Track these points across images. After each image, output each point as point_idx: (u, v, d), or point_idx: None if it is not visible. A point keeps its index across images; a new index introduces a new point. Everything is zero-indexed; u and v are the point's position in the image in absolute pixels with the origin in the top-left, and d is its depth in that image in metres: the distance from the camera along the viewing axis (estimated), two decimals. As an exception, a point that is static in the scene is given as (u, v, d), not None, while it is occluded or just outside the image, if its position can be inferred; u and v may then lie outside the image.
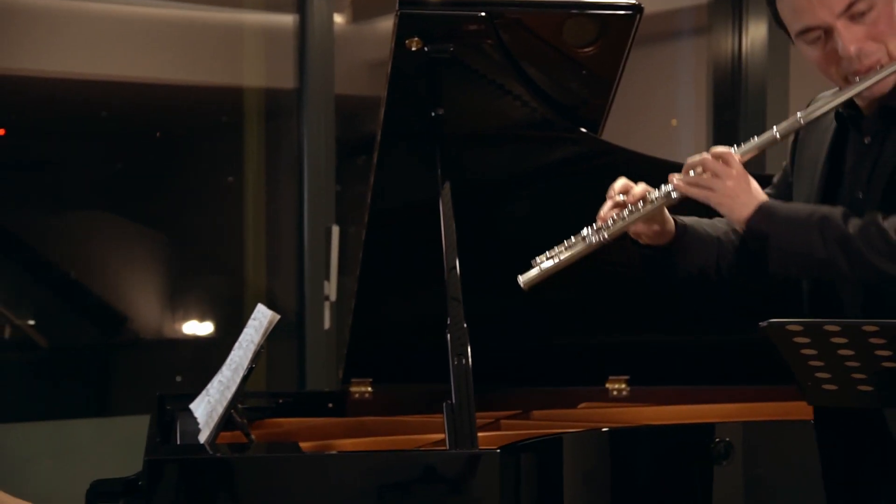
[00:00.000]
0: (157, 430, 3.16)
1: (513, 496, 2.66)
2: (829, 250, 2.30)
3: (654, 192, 2.57)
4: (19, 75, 5.07)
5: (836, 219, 2.31)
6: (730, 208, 2.42)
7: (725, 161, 2.43)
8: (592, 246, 2.63)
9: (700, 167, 2.46)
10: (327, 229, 5.03)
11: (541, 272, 2.68)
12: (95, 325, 5.13)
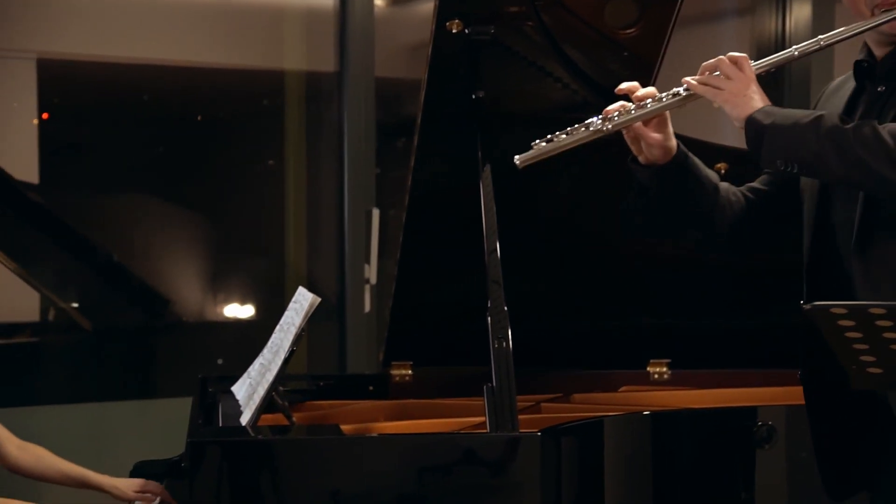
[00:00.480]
0: (199, 412, 3.18)
1: (553, 479, 2.65)
2: (821, 143, 2.31)
3: (664, 93, 2.59)
4: (62, 59, 5.10)
5: (833, 117, 2.34)
6: (734, 105, 2.45)
7: (739, 65, 2.47)
8: (593, 135, 2.63)
9: (714, 69, 2.50)
10: (367, 212, 5.03)
11: (537, 152, 2.67)
12: (138, 307, 5.16)
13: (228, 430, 2.85)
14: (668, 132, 2.64)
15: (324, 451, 2.57)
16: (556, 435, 2.70)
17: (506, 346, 2.70)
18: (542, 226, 3.34)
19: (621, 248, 3.42)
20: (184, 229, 5.40)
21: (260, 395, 2.82)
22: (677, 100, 2.56)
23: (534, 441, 2.61)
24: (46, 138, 5.00)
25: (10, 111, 4.96)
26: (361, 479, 2.55)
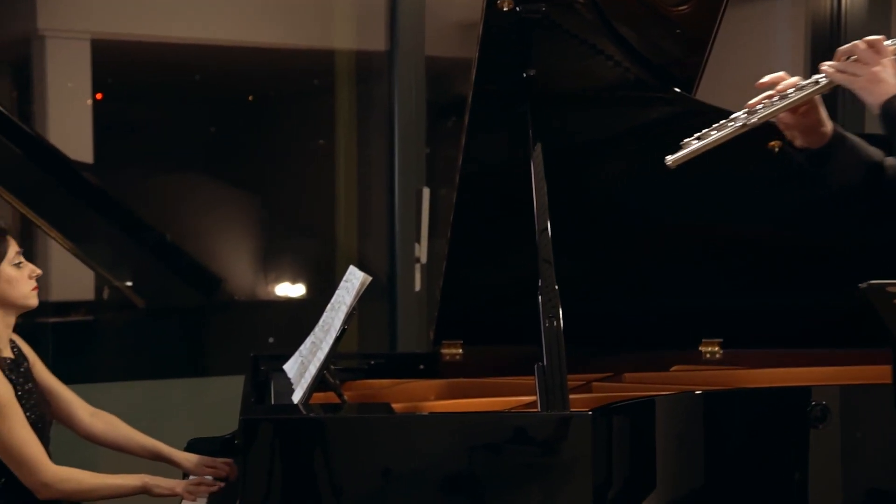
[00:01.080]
0: (251, 390, 3.21)
1: (604, 458, 2.65)
2: None
3: (805, 81, 2.57)
4: (115, 40, 5.14)
5: None
6: (870, 92, 2.44)
7: (875, 48, 2.46)
8: (741, 129, 2.63)
9: (851, 54, 2.48)
10: (418, 191, 5.03)
11: (689, 150, 2.67)
12: (191, 286, 5.20)
13: (281, 409, 2.87)
14: (821, 117, 2.62)
15: (375, 429, 2.58)
16: (608, 414, 2.70)
17: (556, 325, 2.70)
18: (594, 204, 3.33)
19: (674, 227, 3.39)
20: (235, 209, 5.44)
21: (311, 374, 2.84)
22: (818, 87, 2.57)
23: (585, 420, 2.60)
24: (100, 118, 5.05)
25: (65, 92, 5.00)
26: (412, 458, 2.56)
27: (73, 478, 2.72)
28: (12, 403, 2.68)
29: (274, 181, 5.50)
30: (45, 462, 2.69)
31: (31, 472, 2.67)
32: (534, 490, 2.57)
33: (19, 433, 2.67)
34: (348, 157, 5.45)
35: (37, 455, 2.68)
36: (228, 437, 3.25)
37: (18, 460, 2.66)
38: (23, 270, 2.81)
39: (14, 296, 2.79)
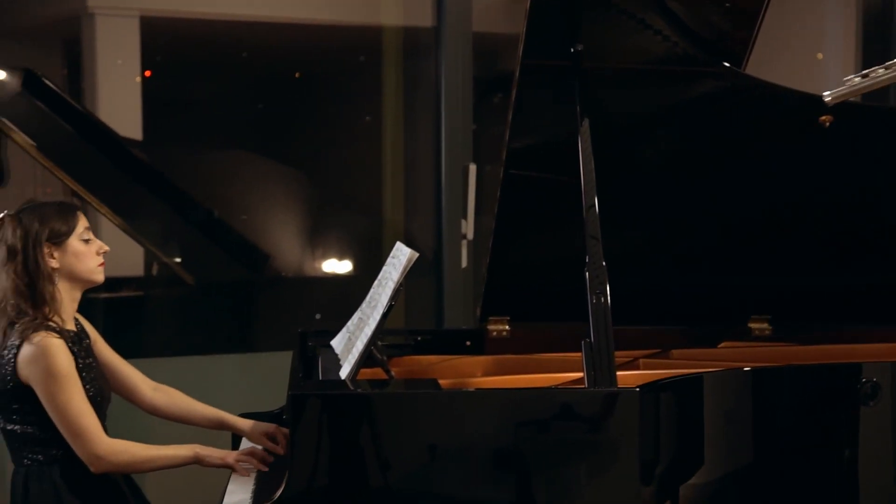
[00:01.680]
0: (299, 366, 3.22)
1: (651, 435, 2.64)
2: None
3: None
4: (163, 17, 5.16)
5: None
6: None
7: None
8: None
9: None
10: (464, 168, 5.03)
11: (849, 88, 2.61)
12: (239, 262, 5.23)
13: (328, 384, 2.88)
14: None
15: (422, 405, 2.59)
16: (655, 391, 2.69)
17: (604, 302, 2.69)
18: (642, 180, 3.31)
19: (723, 203, 3.37)
20: (283, 185, 5.46)
21: (359, 350, 2.85)
22: None
23: (632, 397, 2.60)
24: (149, 95, 5.08)
25: (114, 69, 5.04)
26: (459, 434, 2.56)
27: (126, 450, 2.75)
28: (73, 374, 2.71)
29: (321, 158, 5.51)
30: (100, 434, 2.72)
31: (85, 444, 2.70)
32: (580, 466, 2.57)
33: (78, 404, 2.70)
34: (395, 133, 5.45)
35: (93, 427, 2.71)
36: (277, 413, 3.27)
37: (75, 431, 2.70)
38: (90, 246, 2.85)
39: (80, 270, 2.83)
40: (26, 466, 2.76)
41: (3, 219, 2.82)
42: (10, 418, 2.75)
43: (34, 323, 2.72)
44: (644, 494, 2.59)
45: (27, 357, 2.69)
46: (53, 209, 2.83)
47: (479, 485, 2.54)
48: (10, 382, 2.72)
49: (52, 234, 2.79)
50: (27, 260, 2.77)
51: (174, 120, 5.25)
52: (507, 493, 2.54)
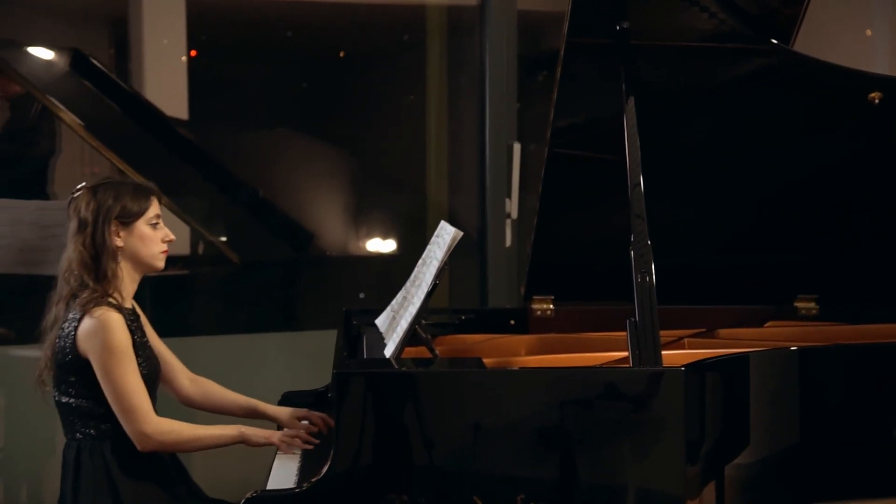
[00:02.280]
0: (344, 344, 3.24)
1: (697, 415, 2.63)
2: None
3: None
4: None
5: None
6: None
7: None
8: None
9: None
10: (509, 147, 5.01)
11: None
12: (284, 242, 5.25)
13: (373, 363, 2.89)
14: None
15: (466, 384, 2.60)
16: (701, 370, 2.68)
17: (649, 281, 2.68)
18: (688, 159, 3.29)
19: (770, 181, 3.35)
20: (327, 164, 5.47)
21: (403, 329, 2.85)
22: None
23: (677, 376, 2.59)
24: (194, 76, 5.10)
25: (161, 48, 5.06)
26: (503, 413, 2.57)
27: (173, 429, 2.78)
28: (129, 351, 2.75)
29: (365, 137, 5.51)
30: (149, 413, 2.75)
31: (135, 421, 2.72)
32: (625, 446, 2.56)
33: (131, 381, 2.73)
34: (439, 112, 5.44)
35: (143, 404, 2.74)
36: (322, 391, 3.29)
37: (125, 407, 2.72)
38: (157, 231, 2.89)
39: (144, 253, 2.86)
40: (78, 440, 2.80)
41: (80, 191, 2.86)
42: (66, 391, 2.79)
43: (95, 297, 2.76)
44: (689, 474, 2.59)
45: (87, 330, 2.73)
46: (129, 189, 2.87)
47: (522, 464, 2.54)
48: (69, 355, 2.76)
49: (122, 212, 2.83)
50: (95, 234, 2.81)
51: (219, 99, 5.26)
52: (551, 472, 2.54)
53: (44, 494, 4.52)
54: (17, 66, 4.56)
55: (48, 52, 4.75)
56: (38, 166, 4.73)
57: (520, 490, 2.52)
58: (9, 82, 4.57)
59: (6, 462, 4.54)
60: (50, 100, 4.50)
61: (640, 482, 2.55)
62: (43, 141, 4.71)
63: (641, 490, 2.55)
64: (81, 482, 2.77)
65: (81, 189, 2.86)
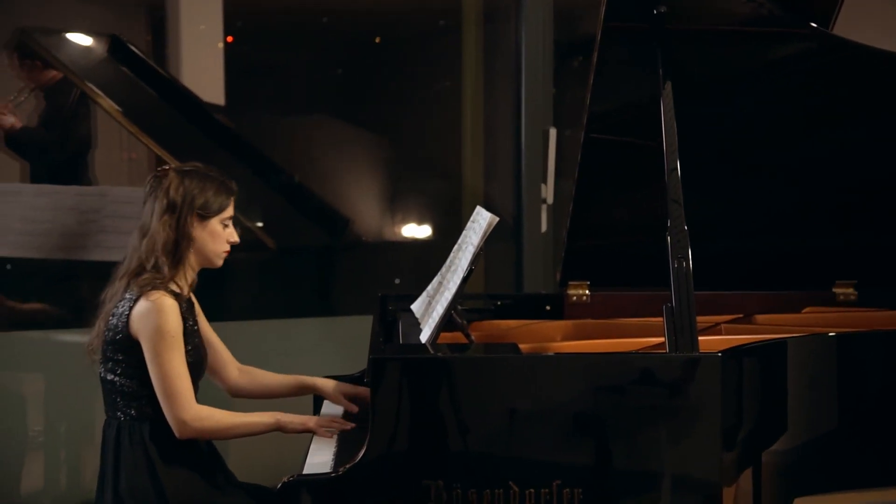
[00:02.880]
0: (380, 330, 3.24)
1: (734, 401, 2.62)
2: None
3: None
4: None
5: None
6: None
7: None
8: None
9: None
10: (544, 132, 5.00)
11: None
12: (320, 227, 5.26)
13: (409, 348, 2.90)
14: None
15: (502, 369, 2.60)
16: (738, 356, 2.66)
17: (685, 266, 2.67)
18: (725, 143, 3.27)
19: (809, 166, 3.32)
20: (362, 150, 5.47)
21: (439, 314, 2.85)
22: None
23: (714, 362, 2.57)
24: (231, 61, 5.11)
25: (198, 34, 5.08)
26: (538, 398, 2.56)
27: (212, 416, 2.79)
28: (179, 337, 2.77)
29: (401, 122, 5.51)
30: (190, 400, 2.77)
31: (175, 406, 2.74)
32: (661, 432, 2.56)
33: (177, 367, 2.75)
34: (475, 97, 5.43)
35: (186, 391, 2.76)
36: (357, 376, 3.30)
37: (168, 391, 2.74)
38: (226, 232, 2.91)
39: (209, 249, 2.90)
40: (119, 419, 2.82)
41: (168, 171, 2.89)
42: (112, 369, 2.82)
43: (155, 281, 2.79)
44: (726, 460, 2.58)
45: (141, 312, 2.76)
46: (214, 184, 2.90)
47: (558, 450, 2.54)
48: (120, 333, 2.79)
49: (203, 206, 2.87)
50: (180, 218, 2.84)
51: (256, 85, 5.28)
52: (587, 458, 2.54)
53: (84, 476, 4.57)
54: (56, 52, 4.59)
55: (86, 38, 4.77)
56: (77, 152, 4.76)
57: (555, 476, 2.52)
58: (45, 70, 4.60)
59: (47, 444, 4.58)
60: (88, 86, 4.53)
61: (677, 468, 2.55)
62: (81, 127, 4.75)
63: (678, 476, 2.54)
64: (122, 461, 2.80)
65: (169, 171, 2.89)
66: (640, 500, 2.55)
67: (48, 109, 4.69)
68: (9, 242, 4.39)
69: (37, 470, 4.57)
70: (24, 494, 4.54)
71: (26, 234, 4.40)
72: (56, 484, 4.59)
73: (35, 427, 4.57)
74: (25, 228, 4.40)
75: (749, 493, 2.68)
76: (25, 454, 4.57)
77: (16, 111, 4.57)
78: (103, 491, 2.82)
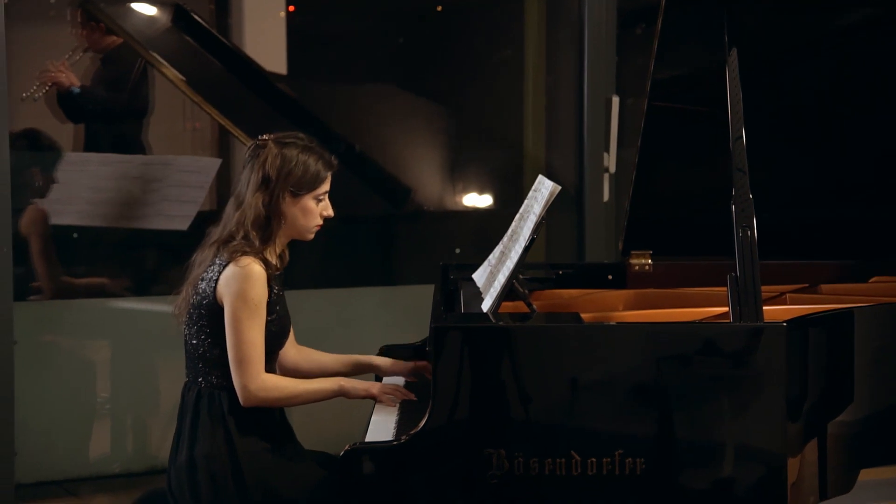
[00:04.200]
0: (441, 299, 3.25)
1: (799, 371, 2.59)
2: None
3: None
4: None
5: None
6: None
7: None
8: None
9: None
10: (607, 100, 4.97)
11: None
12: (381, 196, 5.27)
13: (471, 317, 2.90)
14: None
15: (564, 339, 2.59)
16: (803, 326, 2.63)
17: (750, 235, 2.64)
18: (792, 111, 3.22)
19: (875, 134, 3.27)
20: (423, 119, 5.47)
21: (500, 283, 2.85)
22: None
23: (779, 332, 2.55)
24: (292, 31, 5.13)
25: (260, 3, 5.10)
26: (600, 368, 2.55)
27: (276, 385, 2.81)
28: (262, 307, 2.78)
29: (462, 91, 5.50)
30: (260, 370, 2.78)
31: (244, 373, 2.76)
32: (724, 402, 2.54)
33: (254, 335, 2.76)
34: (537, 66, 5.41)
35: (257, 360, 2.77)
36: (419, 345, 3.30)
37: (240, 357, 2.75)
38: (319, 206, 2.90)
39: (300, 224, 2.89)
40: (199, 385, 2.84)
41: (267, 142, 2.86)
42: (197, 334, 2.83)
43: (245, 248, 2.79)
44: (791, 431, 2.55)
45: (228, 276, 2.77)
46: (313, 159, 2.86)
47: (620, 420, 2.53)
48: (207, 298, 2.80)
49: (298, 182, 2.84)
50: (273, 194, 2.83)
51: (317, 54, 5.29)
52: (649, 428, 2.53)
53: (150, 442, 4.64)
54: (121, 21, 4.63)
55: (150, 7, 4.80)
56: (141, 122, 4.80)
57: (617, 446, 2.51)
58: (106, 35, 4.63)
59: (113, 412, 4.65)
60: (152, 55, 4.56)
61: (740, 439, 2.53)
62: (146, 96, 4.78)
63: (741, 447, 2.52)
64: (199, 427, 2.82)
65: (268, 140, 2.86)
66: (703, 470, 2.53)
67: (108, 75, 4.73)
68: (76, 211, 4.45)
69: (104, 436, 4.65)
70: (92, 460, 4.62)
71: (92, 203, 4.46)
72: (123, 450, 4.67)
73: (102, 394, 4.65)
74: (92, 197, 4.46)
75: (814, 463, 2.66)
76: (93, 420, 4.65)
77: (71, 70, 4.59)
78: (178, 451, 2.85)
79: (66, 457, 4.55)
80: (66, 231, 4.50)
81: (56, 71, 4.55)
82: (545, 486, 2.52)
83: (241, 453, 2.78)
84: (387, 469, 2.54)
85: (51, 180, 4.47)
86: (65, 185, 4.46)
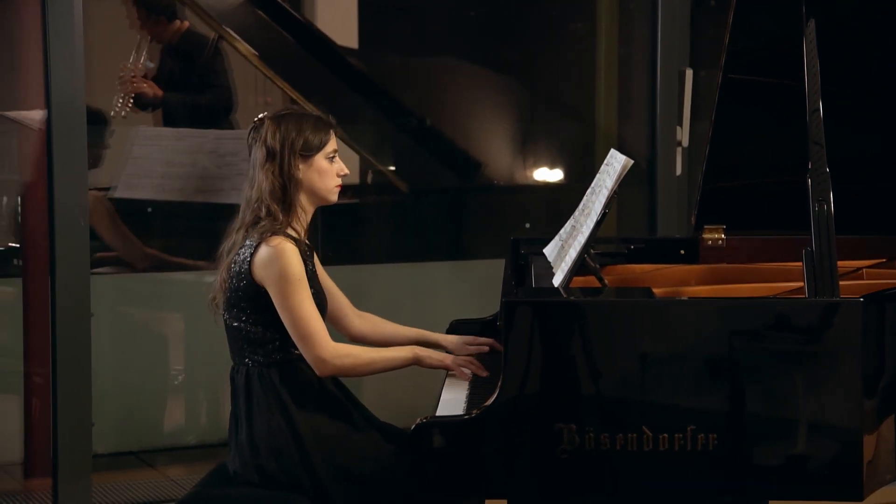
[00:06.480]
0: (512, 273, 3.24)
1: (875, 348, 2.56)
2: None
3: None
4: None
5: None
6: None
7: None
8: None
9: None
10: (680, 73, 4.91)
11: None
12: (452, 170, 5.27)
13: (542, 291, 2.89)
14: None
15: (635, 314, 2.57)
16: (881, 301, 2.59)
17: (827, 209, 2.60)
18: (870, 83, 3.16)
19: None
20: (495, 92, 5.46)
21: (572, 258, 2.84)
22: None
23: (856, 307, 2.51)
24: (365, 4, 5.13)
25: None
26: (672, 343, 2.54)
27: (350, 353, 2.83)
28: (304, 279, 2.80)
29: (534, 64, 5.48)
30: (326, 338, 2.80)
31: (313, 346, 2.78)
32: (799, 379, 2.51)
33: (308, 308, 2.79)
34: (609, 38, 5.36)
35: (321, 331, 2.79)
36: (489, 320, 3.30)
37: (304, 333, 2.78)
38: (333, 166, 2.92)
39: (319, 187, 2.91)
40: (246, 366, 2.87)
41: (263, 120, 2.91)
42: (237, 316, 2.86)
43: (274, 227, 2.82)
44: (867, 408, 2.52)
45: (263, 258, 2.79)
46: (311, 122, 2.90)
47: (692, 396, 2.52)
48: (243, 280, 2.83)
49: (304, 146, 2.87)
50: (283, 164, 2.86)
51: (389, 28, 5.29)
52: (722, 404, 2.51)
53: (222, 414, 4.69)
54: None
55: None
56: (215, 96, 4.84)
57: (689, 421, 2.50)
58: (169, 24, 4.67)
59: (186, 383, 4.72)
60: (226, 30, 4.59)
61: (815, 416, 2.50)
62: (219, 71, 4.82)
63: (816, 424, 2.50)
64: (254, 405, 2.84)
65: (264, 119, 2.91)
66: (777, 446, 2.51)
67: (188, 54, 4.77)
68: (151, 185, 4.50)
69: (178, 408, 4.71)
70: (166, 432, 4.69)
71: (167, 178, 4.51)
72: (197, 422, 4.73)
73: (176, 366, 4.71)
74: (166, 171, 4.51)
75: (891, 440, 2.62)
76: (167, 393, 4.72)
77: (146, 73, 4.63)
78: (237, 433, 2.87)
79: (141, 428, 4.62)
80: (140, 205, 4.56)
81: (134, 81, 4.59)
82: (616, 461, 2.51)
83: (302, 426, 2.80)
84: (458, 443, 2.55)
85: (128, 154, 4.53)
86: (140, 159, 4.51)
